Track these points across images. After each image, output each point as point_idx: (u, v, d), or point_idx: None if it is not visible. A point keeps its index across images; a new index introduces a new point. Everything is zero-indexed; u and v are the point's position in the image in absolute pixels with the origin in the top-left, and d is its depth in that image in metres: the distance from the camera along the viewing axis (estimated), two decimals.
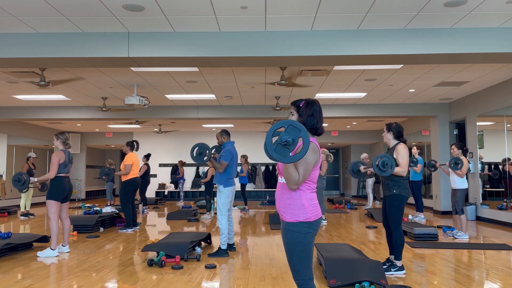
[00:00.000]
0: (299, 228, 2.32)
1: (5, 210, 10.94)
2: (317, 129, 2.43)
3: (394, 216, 4.45)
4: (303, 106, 2.44)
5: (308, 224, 2.33)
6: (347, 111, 10.90)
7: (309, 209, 2.34)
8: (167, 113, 11.00)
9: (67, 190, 5.61)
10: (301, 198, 2.34)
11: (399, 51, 5.34)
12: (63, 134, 5.69)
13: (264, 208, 12.63)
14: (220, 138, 5.72)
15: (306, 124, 2.41)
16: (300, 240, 2.31)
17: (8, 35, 5.42)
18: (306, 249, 2.32)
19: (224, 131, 5.73)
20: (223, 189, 5.48)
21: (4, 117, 10.96)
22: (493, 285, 4.02)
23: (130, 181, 7.84)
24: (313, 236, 2.36)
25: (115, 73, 7.60)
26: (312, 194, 2.39)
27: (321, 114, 2.45)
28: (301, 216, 2.33)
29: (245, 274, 4.48)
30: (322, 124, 2.45)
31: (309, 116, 2.41)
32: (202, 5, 4.66)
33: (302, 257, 2.32)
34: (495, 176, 8.83)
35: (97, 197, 18.74)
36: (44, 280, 4.25)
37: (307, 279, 2.35)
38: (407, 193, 4.48)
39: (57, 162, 5.47)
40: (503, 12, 4.86)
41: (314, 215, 2.35)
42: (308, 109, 2.42)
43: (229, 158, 5.50)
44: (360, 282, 3.83)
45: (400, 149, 4.49)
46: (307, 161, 2.28)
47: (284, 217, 2.39)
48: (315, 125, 2.41)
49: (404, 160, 4.41)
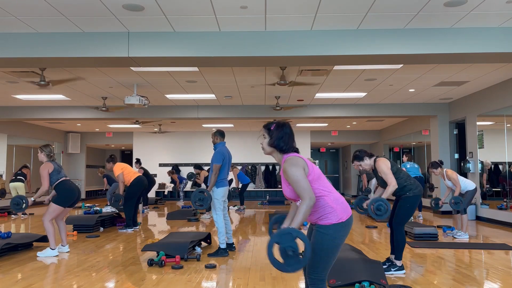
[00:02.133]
0: (331, 231, 2.35)
1: (5, 210, 10.94)
2: (285, 150, 2.49)
3: (401, 217, 4.45)
4: (273, 129, 2.51)
5: (341, 225, 2.36)
6: (347, 111, 10.90)
7: (339, 209, 2.38)
8: (167, 113, 11.00)
9: (76, 194, 5.61)
10: (327, 202, 2.38)
11: (399, 51, 5.34)
12: (47, 147, 5.65)
13: (264, 208, 12.63)
14: (213, 138, 5.73)
15: (275, 146, 2.49)
16: (328, 243, 2.35)
17: (8, 35, 5.42)
18: (331, 253, 2.36)
19: (218, 131, 5.73)
20: (215, 189, 5.49)
21: (4, 117, 10.96)
22: (493, 285, 4.02)
23: (135, 181, 7.85)
24: (343, 241, 2.39)
25: (115, 73, 7.60)
26: (336, 195, 2.43)
27: (291, 136, 2.52)
28: (333, 218, 2.36)
29: (245, 274, 4.48)
30: (293, 144, 2.51)
31: (278, 138, 2.48)
32: (202, 5, 4.66)
33: (324, 259, 2.35)
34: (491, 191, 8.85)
35: (97, 197, 18.74)
36: (44, 280, 4.25)
37: (320, 279, 2.38)
38: (420, 191, 4.48)
39: (47, 173, 5.47)
40: (503, 12, 4.86)
41: (346, 214, 2.39)
42: (278, 132, 2.49)
43: (220, 159, 5.48)
44: (360, 282, 3.83)
45: (378, 167, 4.46)
46: (295, 178, 2.31)
47: (316, 222, 2.42)
48: (283, 147, 2.48)
49: (386, 175, 4.38)
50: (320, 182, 2.40)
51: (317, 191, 2.37)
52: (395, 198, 4.60)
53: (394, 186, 4.35)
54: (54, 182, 5.53)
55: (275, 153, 2.52)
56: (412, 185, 4.46)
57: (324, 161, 21.41)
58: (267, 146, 2.53)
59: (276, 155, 2.53)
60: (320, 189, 2.39)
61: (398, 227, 4.48)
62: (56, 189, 5.54)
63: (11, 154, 13.00)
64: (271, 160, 15.92)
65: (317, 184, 2.38)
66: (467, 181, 6.73)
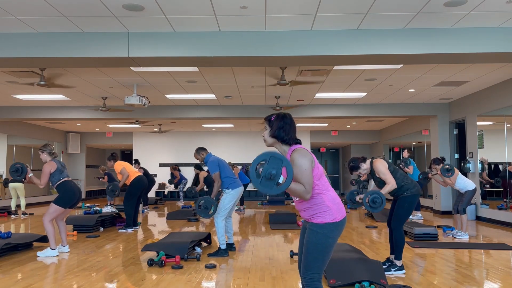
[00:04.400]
0: (325, 230, 2.36)
1: (5, 210, 10.94)
2: (286, 140, 2.49)
3: (400, 216, 4.45)
4: (273, 119, 2.53)
5: (335, 225, 2.37)
6: (347, 111, 10.90)
7: (334, 209, 2.39)
8: (167, 113, 11.00)
9: (77, 195, 5.61)
10: (324, 200, 2.39)
11: (399, 51, 5.34)
12: (46, 147, 5.67)
13: (264, 208, 12.63)
14: (199, 156, 5.75)
15: (276, 136, 2.50)
16: (322, 242, 2.35)
17: (8, 35, 5.42)
18: (325, 252, 2.36)
19: (199, 148, 5.77)
20: (230, 191, 5.48)
21: (4, 117, 10.96)
22: (493, 285, 4.02)
23: (135, 180, 7.85)
24: (336, 240, 2.39)
25: (115, 73, 7.60)
26: (333, 194, 2.44)
27: (292, 127, 2.52)
28: (327, 217, 2.37)
29: (245, 274, 4.48)
30: (294, 135, 2.52)
31: (278, 128, 2.49)
32: (202, 5, 4.66)
33: (318, 258, 2.36)
34: (497, 184, 8.82)
35: (97, 197, 18.75)
36: (44, 280, 4.25)
37: (316, 279, 2.38)
38: (417, 190, 4.48)
39: (48, 172, 5.49)
40: (503, 12, 4.86)
41: (340, 215, 2.40)
42: (278, 122, 2.51)
43: (216, 167, 5.49)
44: (360, 282, 3.83)
45: (376, 168, 4.47)
46: (303, 168, 2.32)
47: (310, 219, 2.42)
48: (283, 137, 2.49)
49: (385, 175, 4.39)
50: (321, 179, 2.42)
51: (316, 188, 2.38)
52: (393, 198, 4.60)
53: (393, 185, 4.35)
54: (56, 182, 5.53)
55: (277, 144, 2.53)
56: (409, 184, 4.47)
57: (324, 161, 21.40)
58: (268, 137, 2.54)
59: (279, 146, 2.53)
60: (319, 186, 2.40)
61: (397, 227, 4.48)
62: (58, 190, 5.54)
63: (11, 154, 12.99)
64: None
65: (318, 181, 2.40)
66: (467, 181, 6.73)
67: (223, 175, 5.50)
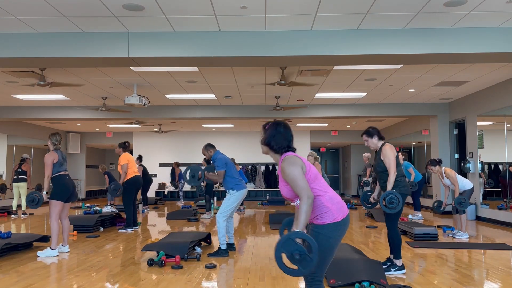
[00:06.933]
0: (326, 231, 2.36)
1: (5, 210, 10.94)
2: (276, 150, 2.49)
3: (391, 216, 4.45)
4: (267, 127, 2.54)
5: (335, 225, 2.37)
6: (347, 111, 10.90)
7: (334, 209, 2.38)
8: (167, 113, 11.00)
9: (70, 189, 5.61)
10: (322, 202, 2.39)
11: (399, 51, 5.34)
12: (54, 136, 5.67)
13: (264, 208, 12.63)
14: (207, 153, 5.74)
15: (267, 145, 2.51)
16: (323, 243, 2.35)
17: (8, 35, 5.42)
18: (326, 253, 2.36)
19: (208, 145, 5.77)
20: (234, 192, 5.49)
21: (4, 117, 10.96)
22: (493, 285, 4.02)
23: (131, 180, 7.83)
24: (338, 241, 2.39)
25: (115, 73, 7.60)
26: (331, 194, 2.43)
27: (284, 136, 2.50)
28: (328, 218, 2.37)
29: (245, 274, 4.48)
30: (287, 144, 2.49)
31: (270, 137, 2.50)
32: (202, 5, 4.66)
33: (320, 259, 2.35)
34: (490, 185, 8.87)
35: (97, 197, 18.74)
36: (44, 280, 4.25)
37: (317, 279, 2.39)
38: (407, 191, 4.48)
39: (51, 162, 5.48)
40: (503, 12, 4.87)
41: (341, 214, 2.40)
42: (270, 131, 2.51)
43: (223, 165, 5.50)
44: (360, 282, 3.83)
45: (385, 150, 4.45)
46: (293, 177, 2.31)
47: (312, 221, 2.42)
48: (273, 146, 2.49)
49: (390, 161, 4.39)
50: (316, 181, 2.41)
51: (313, 191, 2.38)
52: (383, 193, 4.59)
53: (394, 173, 4.35)
54: (53, 174, 5.53)
55: (271, 152, 2.53)
56: (402, 182, 4.46)
57: (324, 161, 21.40)
58: (261, 144, 2.55)
59: (273, 154, 2.53)
60: (316, 188, 2.39)
61: (391, 226, 4.47)
62: (52, 182, 5.54)
63: (11, 154, 12.99)
64: (271, 160, 15.91)
65: (313, 184, 2.39)
66: (465, 180, 6.74)
67: (228, 175, 5.51)
